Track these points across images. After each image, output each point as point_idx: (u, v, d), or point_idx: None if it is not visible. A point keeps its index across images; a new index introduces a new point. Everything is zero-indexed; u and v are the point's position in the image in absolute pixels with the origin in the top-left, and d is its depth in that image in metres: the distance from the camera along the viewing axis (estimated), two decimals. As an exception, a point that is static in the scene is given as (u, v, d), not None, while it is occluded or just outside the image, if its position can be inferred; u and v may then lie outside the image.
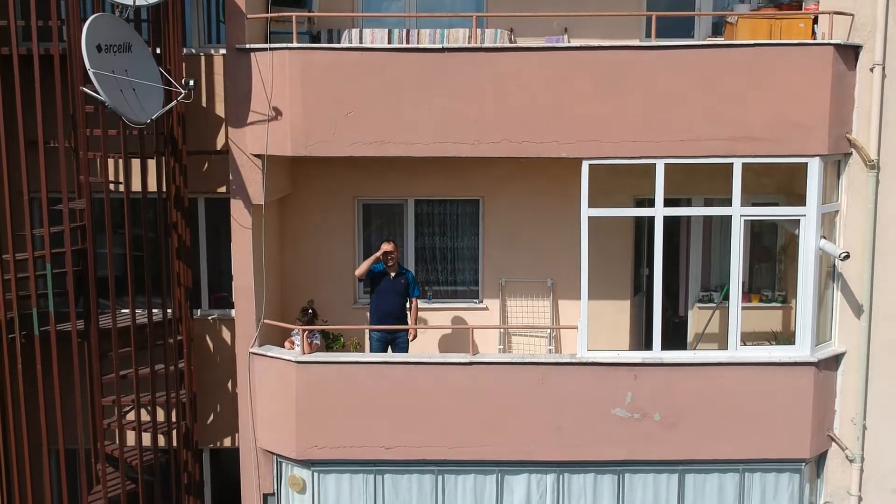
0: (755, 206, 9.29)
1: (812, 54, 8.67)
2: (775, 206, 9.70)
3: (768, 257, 10.75)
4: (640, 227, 10.23)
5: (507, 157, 8.90)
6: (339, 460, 9.26)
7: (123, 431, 9.31)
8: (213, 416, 10.22)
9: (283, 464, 9.54)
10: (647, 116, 8.73)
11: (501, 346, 10.43)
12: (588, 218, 8.90)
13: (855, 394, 9.23)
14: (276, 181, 9.51)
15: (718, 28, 10.12)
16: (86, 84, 8.04)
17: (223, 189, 9.66)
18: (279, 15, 9.26)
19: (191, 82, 8.57)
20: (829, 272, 9.30)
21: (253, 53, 8.89)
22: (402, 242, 10.37)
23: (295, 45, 8.83)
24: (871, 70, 8.78)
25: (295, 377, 9.14)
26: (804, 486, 9.36)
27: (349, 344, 10.12)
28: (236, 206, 9.24)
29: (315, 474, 9.38)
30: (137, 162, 9.10)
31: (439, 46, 8.85)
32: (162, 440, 9.56)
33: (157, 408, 9.47)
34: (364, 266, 9.66)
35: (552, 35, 9.85)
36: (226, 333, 10.11)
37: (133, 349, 9.11)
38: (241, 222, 9.25)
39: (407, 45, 9.11)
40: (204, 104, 9.71)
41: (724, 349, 9.27)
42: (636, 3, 9.98)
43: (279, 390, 9.28)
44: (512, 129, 8.77)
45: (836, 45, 8.65)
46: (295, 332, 9.47)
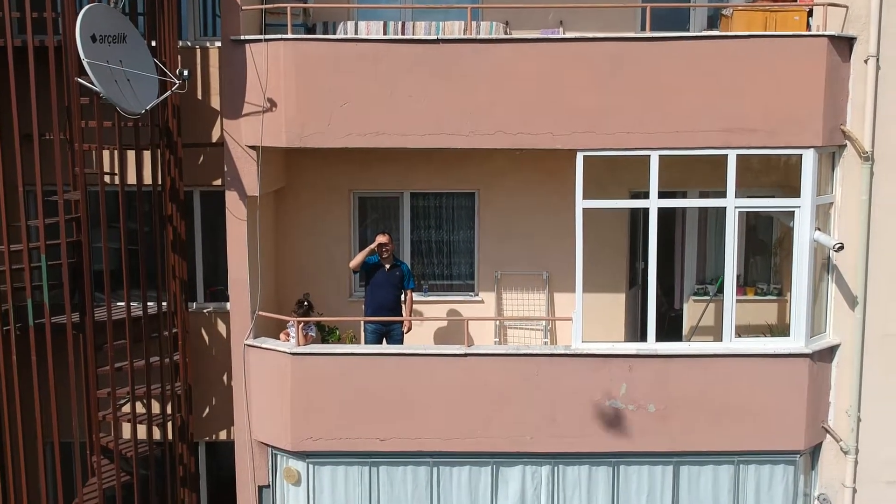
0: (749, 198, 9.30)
1: (806, 46, 8.68)
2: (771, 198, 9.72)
3: (764, 250, 10.77)
4: (636, 220, 10.23)
5: (502, 148, 8.91)
6: (334, 452, 9.27)
7: (119, 424, 9.31)
8: (208, 409, 10.22)
9: (279, 456, 9.54)
10: (641, 108, 8.74)
11: (497, 339, 10.43)
12: (583, 210, 8.92)
13: (849, 385, 9.24)
14: (271, 173, 9.52)
15: (714, 21, 10.13)
16: (81, 75, 8.05)
17: (219, 182, 9.67)
18: (274, 6, 9.27)
19: (185, 72, 8.57)
20: (824, 264, 9.31)
21: (248, 45, 8.90)
22: (397, 235, 10.38)
23: (290, 36, 8.83)
24: (866, 62, 8.80)
25: (290, 369, 9.14)
26: (799, 478, 9.37)
27: (345, 337, 10.12)
28: (231, 198, 9.25)
29: (310, 466, 9.38)
30: (132, 154, 9.11)
31: (434, 37, 8.85)
32: (157, 433, 9.56)
33: (153, 400, 9.48)
34: (359, 258, 9.67)
35: (547, 28, 9.86)
36: (221, 326, 10.12)
37: (128, 341, 9.12)
38: (235, 214, 9.25)
39: (402, 37, 9.11)
40: (199, 97, 9.73)
41: (719, 341, 9.27)
42: (631, -4, 10.01)
43: (274, 382, 9.29)
44: (506, 120, 8.77)
45: (830, 37, 8.67)
46: (290, 324, 9.47)
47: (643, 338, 9.20)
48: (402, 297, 9.85)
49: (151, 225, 9.34)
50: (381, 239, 9.67)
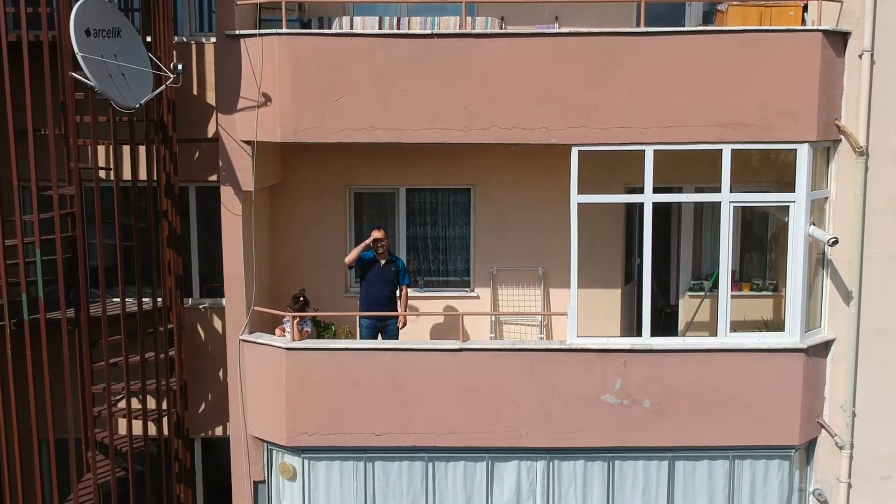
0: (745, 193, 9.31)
1: (801, 41, 8.69)
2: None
3: (759, 246, 10.78)
4: (632, 216, 10.25)
5: (497, 143, 8.91)
6: (329, 447, 9.27)
7: (114, 419, 9.30)
8: (204, 405, 10.22)
9: (274, 451, 9.54)
10: (636, 103, 8.75)
11: (493, 334, 10.43)
12: (578, 205, 8.92)
13: (844, 381, 9.25)
14: (266, 169, 9.52)
15: (709, 16, 10.14)
16: (75, 70, 8.04)
17: (214, 177, 9.66)
18: (269, 1, 9.25)
19: (179, 66, 8.57)
20: (819, 259, 9.32)
21: (243, 40, 8.89)
22: (393, 231, 10.38)
23: (284, 30, 8.83)
24: (860, 57, 8.80)
25: (285, 364, 9.14)
26: (794, 473, 9.38)
27: (340, 332, 10.12)
28: (226, 193, 9.25)
29: (305, 461, 9.38)
30: (128, 149, 9.10)
31: (429, 32, 8.85)
32: (153, 428, 9.55)
33: (148, 396, 9.47)
34: (354, 253, 9.67)
35: (543, 23, 9.86)
36: (217, 322, 10.11)
37: (123, 337, 9.10)
38: (230, 209, 9.25)
39: (397, 31, 9.10)
40: (195, 92, 9.71)
41: (714, 336, 9.27)
42: (627, -9, 10.00)
43: (269, 377, 9.29)
44: (501, 115, 8.78)
45: (824, 32, 8.68)
46: (286, 320, 9.47)
47: (639, 333, 9.20)
48: (398, 293, 9.85)
49: (147, 220, 9.32)
50: (377, 234, 9.67)
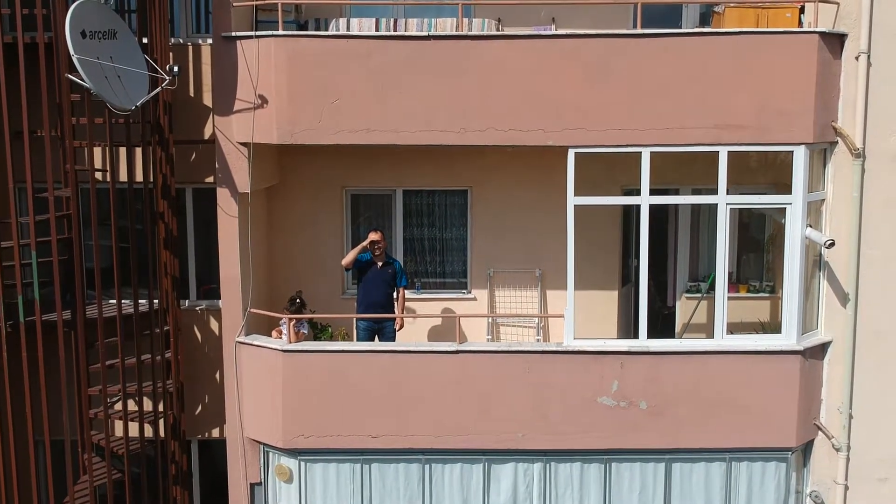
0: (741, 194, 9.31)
1: (797, 42, 8.69)
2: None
3: (756, 248, 10.77)
4: (629, 218, 10.23)
5: (493, 145, 8.90)
6: (325, 449, 9.26)
7: (110, 421, 9.29)
8: (200, 407, 10.21)
9: (270, 453, 9.53)
10: (632, 105, 8.74)
11: (490, 336, 10.42)
12: (574, 207, 8.92)
13: (841, 382, 9.24)
14: (263, 170, 9.51)
15: (706, 18, 10.13)
16: (71, 72, 8.04)
17: (211, 179, 9.64)
18: (265, 3, 9.26)
19: (175, 68, 8.56)
20: (816, 261, 9.32)
21: (239, 41, 8.89)
22: (390, 233, 10.37)
23: (281, 32, 8.83)
24: (857, 58, 8.79)
25: (281, 366, 9.13)
26: (790, 475, 9.37)
27: (337, 334, 10.11)
28: (222, 195, 9.24)
29: (302, 463, 9.37)
30: (124, 151, 9.08)
31: (425, 34, 8.84)
32: (149, 430, 9.54)
33: (144, 398, 9.45)
34: (351, 255, 9.66)
35: (540, 25, 9.86)
36: (214, 324, 10.10)
37: (119, 339, 9.10)
38: (227, 211, 9.24)
39: (393, 33, 9.10)
40: (192, 93, 9.71)
41: (711, 338, 9.26)
42: (623, -7, 10.00)
43: (266, 379, 9.28)
44: (498, 117, 8.77)
45: (821, 34, 8.67)
46: (282, 322, 9.46)
47: (635, 335, 9.19)
48: (395, 295, 9.84)
49: (143, 222, 9.31)
50: (374, 236, 9.66)
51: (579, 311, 9.13)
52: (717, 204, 8.98)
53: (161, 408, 9.58)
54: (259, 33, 8.86)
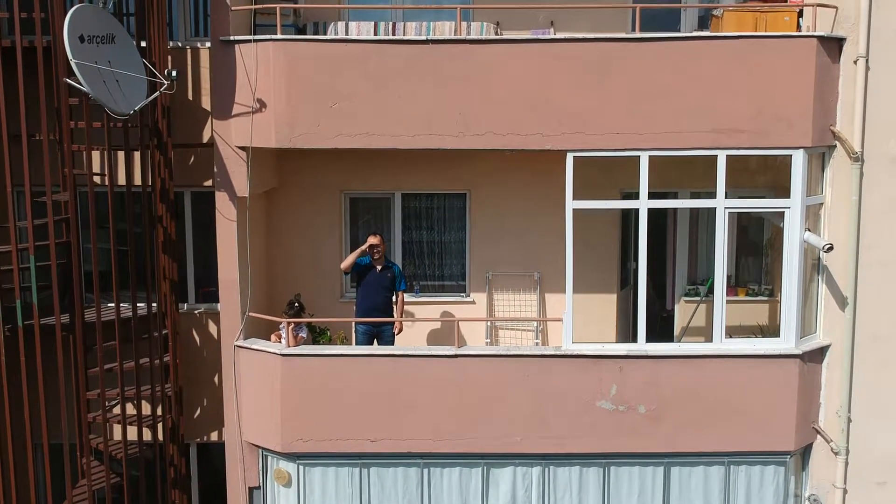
0: (740, 199, 9.31)
1: (796, 47, 8.69)
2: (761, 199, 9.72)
3: (755, 251, 10.77)
4: (628, 221, 10.23)
5: (492, 149, 8.90)
6: (324, 453, 9.25)
7: (109, 425, 9.28)
8: (199, 411, 10.20)
9: (269, 457, 9.52)
10: (631, 109, 8.74)
11: (488, 339, 10.42)
12: (573, 210, 8.91)
13: (840, 386, 9.24)
14: (262, 174, 9.51)
15: (704, 22, 10.14)
16: (69, 76, 8.03)
17: (210, 183, 9.65)
18: (264, 7, 9.26)
19: (173, 73, 8.56)
20: (815, 265, 9.32)
21: (238, 45, 8.89)
22: (389, 236, 10.37)
23: (279, 36, 8.82)
24: (855, 62, 8.80)
25: (280, 370, 9.13)
26: (789, 479, 9.37)
27: (336, 338, 10.10)
28: (221, 199, 9.24)
29: (300, 467, 9.36)
30: (122, 155, 9.08)
31: (424, 38, 8.84)
32: (148, 434, 9.53)
33: (143, 401, 9.45)
34: (350, 259, 9.66)
35: (538, 28, 9.86)
36: (212, 328, 10.10)
37: (118, 343, 9.09)
38: (226, 215, 9.24)
39: (392, 37, 9.10)
40: (190, 97, 9.71)
41: (709, 342, 9.27)
42: (622, -3, 10.01)
43: (264, 383, 9.27)
44: (497, 121, 8.77)
45: (819, 38, 8.68)
46: (281, 326, 9.46)
47: (634, 339, 9.19)
48: (394, 299, 9.83)
49: (142, 226, 9.31)
50: (373, 240, 9.66)
51: (578, 314, 9.13)
52: (715, 208, 8.97)
53: (160, 411, 9.57)
54: (258, 37, 8.86)
